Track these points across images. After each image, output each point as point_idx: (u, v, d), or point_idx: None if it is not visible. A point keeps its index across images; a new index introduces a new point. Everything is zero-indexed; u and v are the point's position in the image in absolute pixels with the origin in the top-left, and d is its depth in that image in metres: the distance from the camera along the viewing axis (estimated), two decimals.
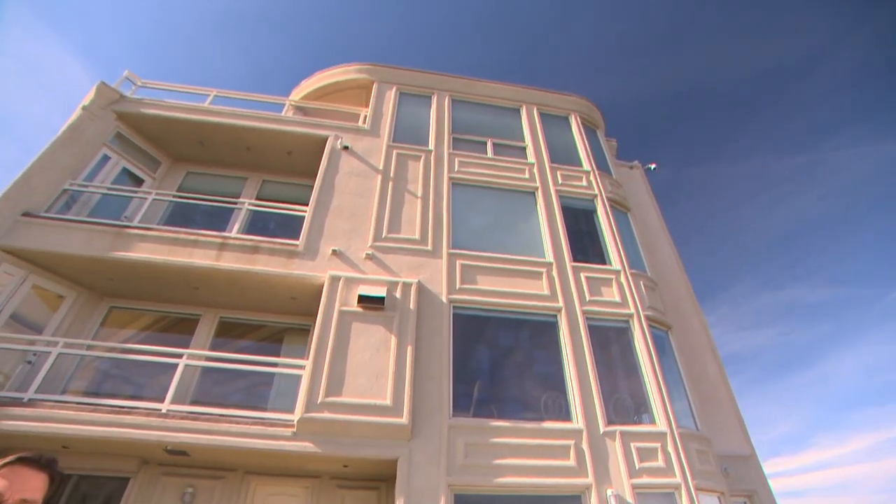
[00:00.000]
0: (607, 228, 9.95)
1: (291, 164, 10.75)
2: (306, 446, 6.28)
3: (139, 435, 6.15)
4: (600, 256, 9.61)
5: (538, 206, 10.04)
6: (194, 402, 7.10)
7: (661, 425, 7.44)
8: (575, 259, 9.19)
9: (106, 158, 9.54)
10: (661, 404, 7.61)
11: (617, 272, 9.20)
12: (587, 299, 8.63)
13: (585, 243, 9.79)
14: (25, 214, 7.83)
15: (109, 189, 9.13)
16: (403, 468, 6.32)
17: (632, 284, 9.02)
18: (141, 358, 7.53)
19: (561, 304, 8.41)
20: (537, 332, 8.42)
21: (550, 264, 8.94)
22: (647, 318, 8.67)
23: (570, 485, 6.68)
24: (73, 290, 8.30)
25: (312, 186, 9.28)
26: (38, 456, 1.26)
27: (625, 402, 7.87)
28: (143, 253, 7.75)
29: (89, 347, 7.84)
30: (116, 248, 7.76)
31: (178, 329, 8.55)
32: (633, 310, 8.67)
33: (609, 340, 8.47)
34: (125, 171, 9.84)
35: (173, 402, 6.54)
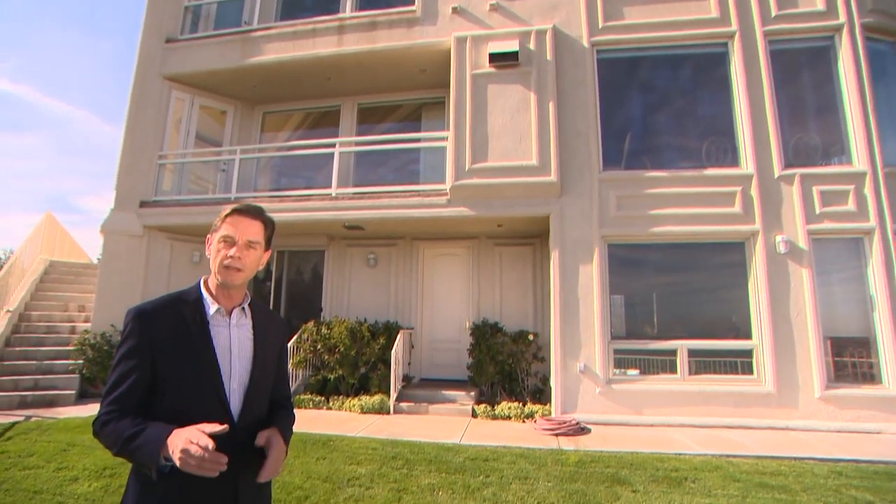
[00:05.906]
0: None
1: None
2: (461, 211, 6.76)
3: (319, 216, 7.34)
4: None
5: None
6: (356, 185, 7.86)
7: (859, 165, 6.26)
8: None
9: None
10: (864, 140, 6.26)
11: None
12: (773, 15, 6.72)
13: None
14: (168, 41, 8.44)
15: None
16: (556, 223, 6.53)
17: None
18: (301, 153, 8.51)
19: (734, 27, 6.71)
20: (701, 67, 7.07)
21: None
22: (864, 26, 6.56)
23: (732, 231, 6.33)
24: (230, 104, 9.17)
25: None
26: (248, 206, 1.37)
27: (810, 142, 6.66)
28: (271, 54, 7.97)
29: (260, 150, 8.90)
30: (247, 54, 8.06)
31: (325, 123, 9.12)
32: (843, 18, 6.57)
33: (799, 66, 6.82)
34: None
35: (339, 186, 7.36)
